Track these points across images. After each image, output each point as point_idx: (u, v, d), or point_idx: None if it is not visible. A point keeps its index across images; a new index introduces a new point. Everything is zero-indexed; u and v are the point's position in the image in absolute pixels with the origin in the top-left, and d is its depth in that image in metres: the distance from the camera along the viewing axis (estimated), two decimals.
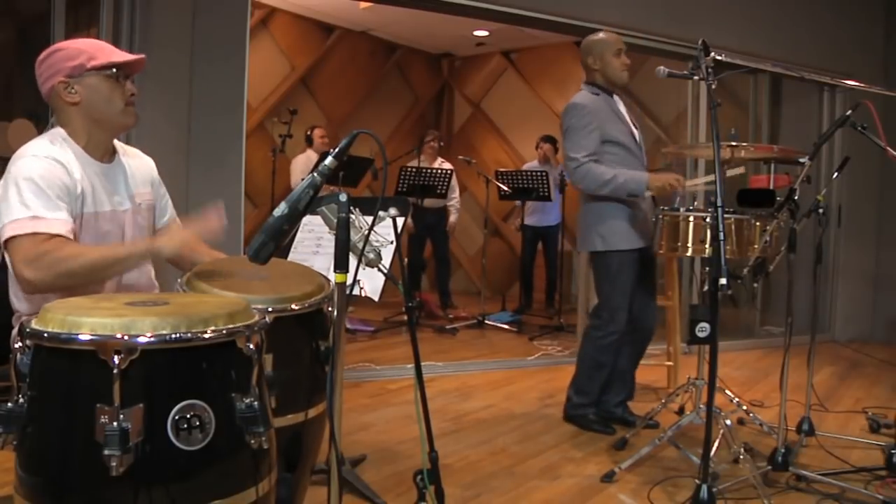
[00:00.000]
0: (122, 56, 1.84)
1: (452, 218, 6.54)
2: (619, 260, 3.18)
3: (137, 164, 2.03)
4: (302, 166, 5.92)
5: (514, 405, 3.72)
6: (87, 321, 1.21)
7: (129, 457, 1.16)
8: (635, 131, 3.29)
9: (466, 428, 3.31)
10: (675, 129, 6.45)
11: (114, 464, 1.14)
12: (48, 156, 1.73)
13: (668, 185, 3.04)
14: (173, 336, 1.22)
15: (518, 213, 6.67)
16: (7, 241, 1.65)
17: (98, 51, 1.82)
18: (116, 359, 1.16)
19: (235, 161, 3.90)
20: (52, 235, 1.66)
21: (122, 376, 1.17)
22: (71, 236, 1.69)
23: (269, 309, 1.65)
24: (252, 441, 1.30)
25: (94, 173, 1.84)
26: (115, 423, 1.15)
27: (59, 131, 1.83)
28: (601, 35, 3.28)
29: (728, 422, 2.75)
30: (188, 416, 1.22)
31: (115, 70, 1.82)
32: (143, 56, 1.88)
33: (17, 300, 1.83)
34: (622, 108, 3.28)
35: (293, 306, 1.71)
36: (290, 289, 1.77)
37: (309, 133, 6.15)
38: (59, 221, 1.67)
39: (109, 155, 1.92)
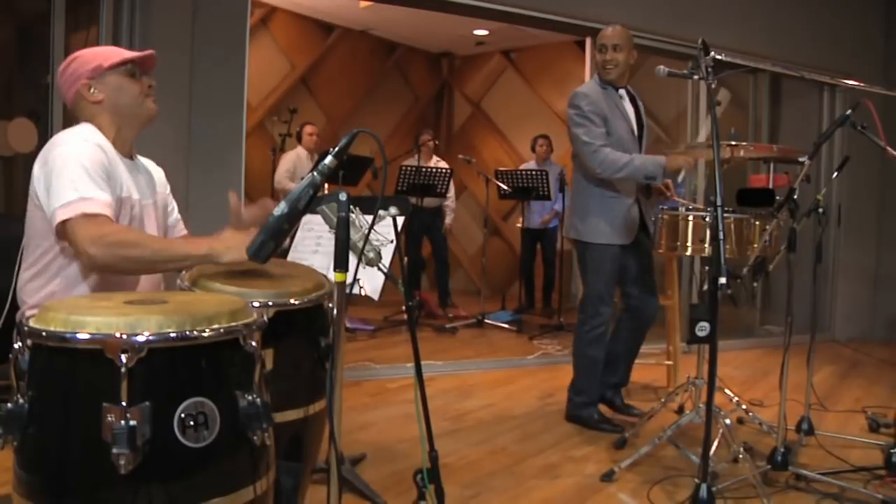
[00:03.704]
0: (133, 53, 1.94)
1: (448, 219, 6.54)
2: (600, 252, 3.22)
3: (152, 168, 2.13)
4: (289, 162, 5.90)
5: (513, 404, 3.72)
6: (90, 320, 1.22)
7: (137, 455, 1.17)
8: (635, 127, 3.31)
9: (466, 427, 3.31)
10: (675, 129, 6.45)
11: (122, 462, 1.15)
12: (90, 140, 1.81)
13: (683, 163, 3.06)
14: (179, 334, 1.22)
15: (527, 212, 6.69)
16: (65, 223, 1.69)
17: (111, 52, 1.93)
18: (123, 357, 1.17)
19: (236, 160, 3.90)
20: (104, 216, 1.70)
21: (128, 375, 1.17)
22: (112, 215, 1.74)
23: (270, 303, 1.67)
24: (255, 438, 1.31)
25: (121, 165, 1.91)
26: (122, 422, 1.16)
27: (87, 125, 1.90)
28: (608, 29, 3.34)
29: (728, 421, 2.75)
30: (194, 413, 1.23)
31: (130, 65, 1.91)
32: (152, 52, 1.96)
33: (25, 294, 1.83)
34: (626, 104, 3.31)
35: (293, 301, 1.72)
36: (291, 285, 1.78)
37: (299, 129, 6.10)
38: (103, 202, 1.71)
39: (132, 154, 2.01)
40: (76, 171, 1.72)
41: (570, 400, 3.41)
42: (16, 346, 1.26)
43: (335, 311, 1.56)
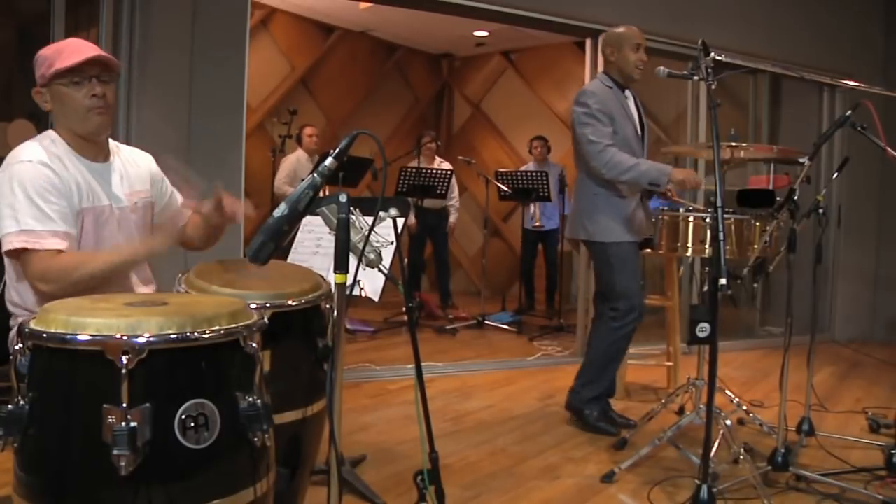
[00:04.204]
0: (71, 59, 1.75)
1: (452, 218, 6.54)
2: (620, 249, 3.20)
3: (133, 162, 2.03)
4: (289, 166, 5.89)
5: (514, 405, 3.72)
6: (91, 322, 1.22)
7: (138, 456, 1.17)
8: (639, 129, 3.30)
9: (466, 428, 3.31)
10: (675, 130, 6.45)
11: (123, 464, 1.15)
12: (33, 159, 1.74)
13: (689, 180, 3.05)
14: (180, 336, 1.22)
15: (527, 213, 6.69)
16: (9, 253, 1.69)
17: (57, 55, 1.76)
18: (124, 359, 1.17)
19: (235, 161, 3.90)
20: (46, 252, 1.67)
21: (129, 376, 1.17)
22: (63, 245, 1.70)
23: (268, 304, 1.67)
24: (255, 439, 1.31)
25: (87, 171, 1.85)
26: (122, 424, 1.16)
27: (50, 133, 1.85)
28: (623, 28, 3.30)
29: (728, 422, 2.75)
30: (195, 414, 1.23)
31: (70, 75, 1.76)
32: (91, 56, 1.76)
33: (12, 305, 1.83)
34: (631, 105, 3.30)
35: (290, 302, 1.73)
36: (288, 286, 1.78)
37: (299, 132, 6.08)
38: (49, 233, 1.68)
39: (103, 155, 1.92)
40: (16, 198, 1.68)
41: (576, 391, 3.35)
42: (16, 347, 1.26)
43: (335, 313, 1.56)
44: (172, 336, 1.22)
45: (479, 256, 7.32)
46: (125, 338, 1.18)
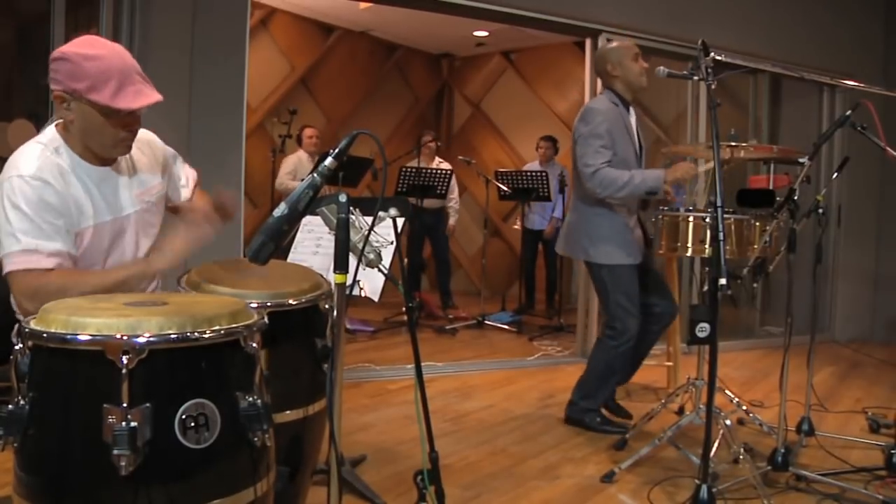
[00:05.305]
0: (126, 102, 1.66)
1: (452, 220, 6.54)
2: (617, 270, 3.17)
3: (142, 154, 1.95)
4: (289, 166, 5.89)
5: (514, 405, 3.72)
6: (91, 322, 1.21)
7: (138, 456, 1.17)
8: (638, 150, 3.27)
9: (466, 428, 3.31)
10: (675, 130, 6.45)
11: (123, 463, 1.15)
12: (34, 176, 1.67)
13: (684, 174, 3.04)
14: (180, 336, 1.22)
15: (520, 213, 6.69)
16: (8, 273, 1.65)
17: (104, 82, 1.64)
18: (125, 359, 1.17)
19: (235, 161, 3.90)
20: (41, 270, 1.62)
21: (129, 376, 1.17)
22: (53, 263, 1.65)
23: (268, 304, 1.67)
24: (255, 439, 1.31)
25: (92, 181, 1.78)
26: (123, 423, 1.16)
27: (55, 138, 1.77)
28: (616, 43, 3.28)
29: (728, 422, 2.75)
30: (195, 414, 1.23)
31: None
32: (151, 103, 1.71)
33: (18, 307, 1.82)
34: (633, 122, 3.26)
35: (290, 301, 1.73)
36: (288, 285, 1.78)
37: (299, 133, 6.07)
38: (50, 252, 1.64)
39: (112, 159, 1.85)
40: (17, 217, 1.62)
41: (574, 403, 3.37)
42: (16, 347, 1.26)
43: (335, 313, 1.56)
44: (173, 336, 1.22)
45: (479, 256, 7.32)
46: (125, 338, 1.18)
